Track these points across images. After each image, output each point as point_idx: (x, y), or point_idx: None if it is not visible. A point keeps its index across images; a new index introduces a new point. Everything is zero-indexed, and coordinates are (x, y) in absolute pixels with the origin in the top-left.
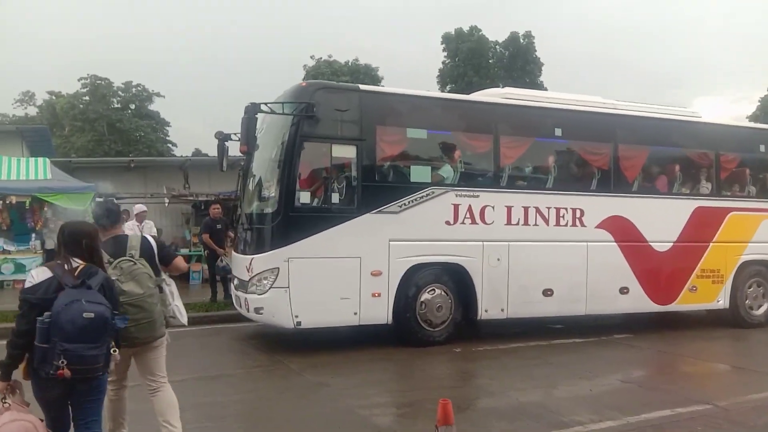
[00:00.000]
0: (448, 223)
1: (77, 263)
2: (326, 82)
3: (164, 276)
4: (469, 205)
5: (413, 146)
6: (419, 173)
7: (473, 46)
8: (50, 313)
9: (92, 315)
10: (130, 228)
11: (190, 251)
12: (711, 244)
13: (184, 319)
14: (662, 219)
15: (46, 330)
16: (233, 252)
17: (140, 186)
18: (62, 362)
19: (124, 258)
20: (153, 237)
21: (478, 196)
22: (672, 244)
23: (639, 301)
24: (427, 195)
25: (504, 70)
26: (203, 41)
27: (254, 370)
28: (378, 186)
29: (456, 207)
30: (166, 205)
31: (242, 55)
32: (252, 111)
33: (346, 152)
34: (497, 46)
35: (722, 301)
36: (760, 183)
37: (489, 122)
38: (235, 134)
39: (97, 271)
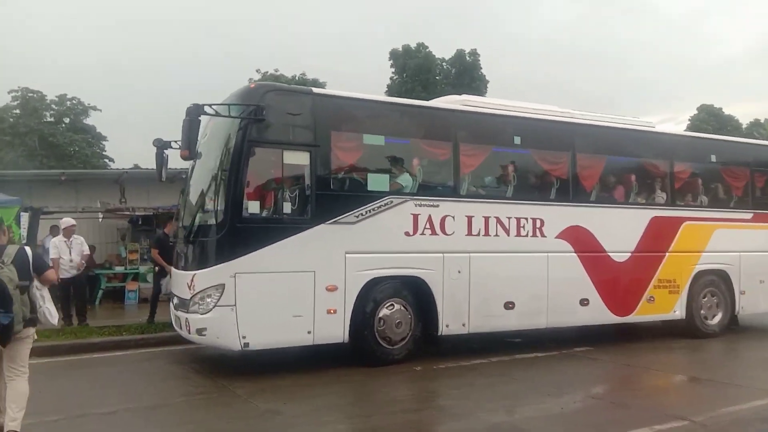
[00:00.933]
0: (407, 233)
1: None
2: (277, 84)
3: (36, 282)
4: (429, 215)
5: (370, 153)
6: (377, 182)
7: (421, 63)
8: None
9: None
10: (55, 246)
11: (126, 269)
12: (667, 254)
13: (54, 320)
14: (620, 229)
15: None
16: (172, 268)
17: (71, 201)
18: None
19: None
20: (30, 249)
21: (437, 206)
22: (630, 254)
23: (599, 313)
24: (386, 204)
25: (451, 86)
26: (145, 57)
27: (197, 398)
28: (333, 195)
29: (415, 217)
30: (100, 220)
31: (186, 71)
32: (195, 113)
33: (298, 159)
34: (444, 63)
35: (679, 312)
36: (712, 192)
37: (449, 129)
38: (175, 141)
39: None
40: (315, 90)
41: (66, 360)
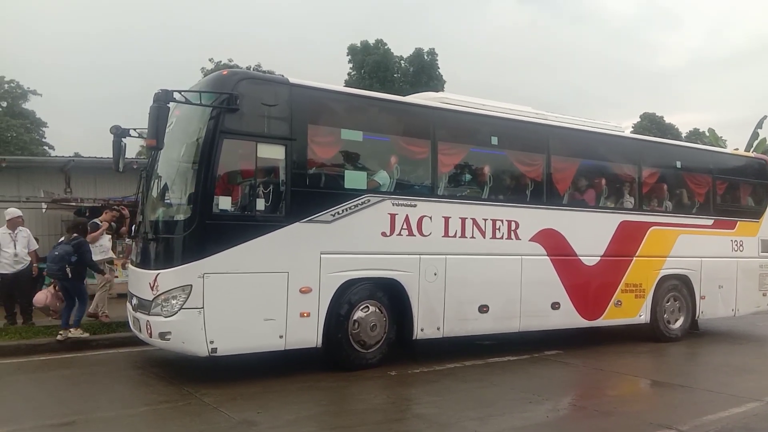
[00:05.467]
0: (384, 234)
1: (73, 235)
2: (251, 72)
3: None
4: (407, 215)
5: (348, 149)
6: (354, 179)
7: (379, 59)
8: None
9: (56, 252)
10: None
11: None
12: (634, 258)
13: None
14: (591, 233)
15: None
16: (130, 266)
17: (13, 189)
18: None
19: None
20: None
21: (415, 206)
22: (599, 258)
23: (569, 317)
24: (363, 203)
25: (409, 85)
26: (87, 39)
27: (162, 407)
28: (309, 192)
29: (392, 217)
30: (44, 211)
31: (132, 57)
32: (163, 99)
33: (273, 153)
34: (402, 61)
35: (644, 316)
36: (676, 198)
37: (428, 127)
38: (134, 129)
39: (78, 238)
40: (292, 80)
41: (11, 363)
